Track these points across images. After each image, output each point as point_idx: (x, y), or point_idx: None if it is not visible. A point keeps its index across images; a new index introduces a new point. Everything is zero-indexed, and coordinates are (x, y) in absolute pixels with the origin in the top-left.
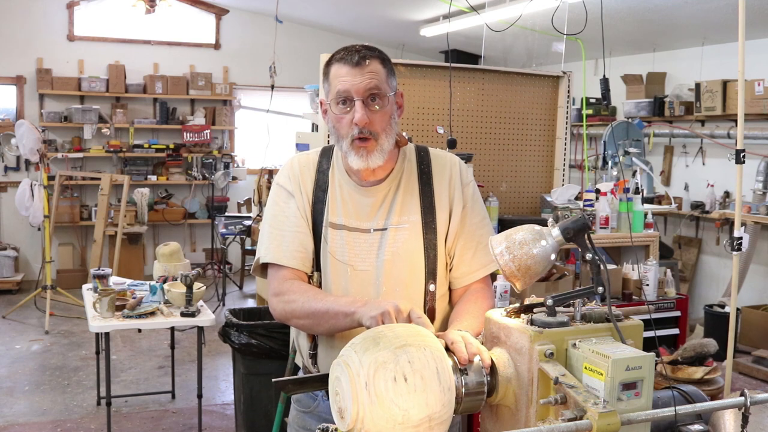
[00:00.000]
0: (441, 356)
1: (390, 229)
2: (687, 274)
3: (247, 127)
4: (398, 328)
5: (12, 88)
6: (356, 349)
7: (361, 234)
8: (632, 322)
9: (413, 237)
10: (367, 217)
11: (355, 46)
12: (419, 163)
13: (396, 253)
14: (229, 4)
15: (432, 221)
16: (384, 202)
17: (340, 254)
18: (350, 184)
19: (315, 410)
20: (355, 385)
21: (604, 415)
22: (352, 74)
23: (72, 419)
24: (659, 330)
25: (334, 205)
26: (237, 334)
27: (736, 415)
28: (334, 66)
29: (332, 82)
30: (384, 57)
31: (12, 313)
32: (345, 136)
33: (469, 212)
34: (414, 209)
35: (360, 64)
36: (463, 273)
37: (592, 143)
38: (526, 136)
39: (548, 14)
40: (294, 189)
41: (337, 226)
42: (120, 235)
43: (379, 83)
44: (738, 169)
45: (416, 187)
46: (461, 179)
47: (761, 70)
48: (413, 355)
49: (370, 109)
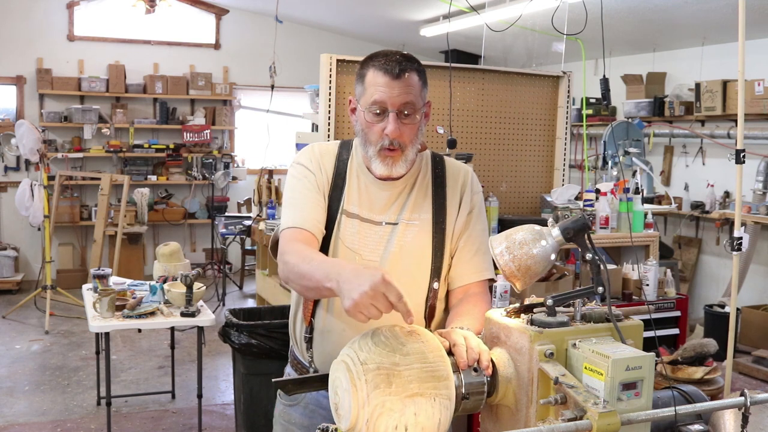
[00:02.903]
0: (445, 383)
1: (401, 223)
2: (687, 274)
3: (247, 127)
4: (415, 363)
5: (12, 88)
6: (366, 373)
7: (373, 225)
8: (632, 322)
9: (423, 234)
10: (381, 210)
11: (395, 55)
12: (434, 167)
13: (404, 247)
14: (229, 4)
15: (442, 222)
16: (399, 197)
17: (350, 242)
18: (368, 176)
19: (302, 402)
20: (357, 397)
21: (604, 415)
22: (390, 86)
23: (72, 419)
24: (659, 330)
25: (350, 194)
26: (237, 334)
27: (736, 415)
28: (372, 71)
29: (368, 88)
30: (421, 69)
31: (12, 313)
32: (373, 143)
33: (474, 218)
34: (426, 208)
35: (400, 76)
36: (462, 273)
37: (592, 143)
38: (526, 136)
39: (548, 14)
40: (315, 168)
41: (351, 215)
42: (120, 235)
43: (414, 98)
44: (738, 169)
45: (430, 188)
46: (471, 187)
47: (761, 70)
48: (421, 407)
49: (402, 121)
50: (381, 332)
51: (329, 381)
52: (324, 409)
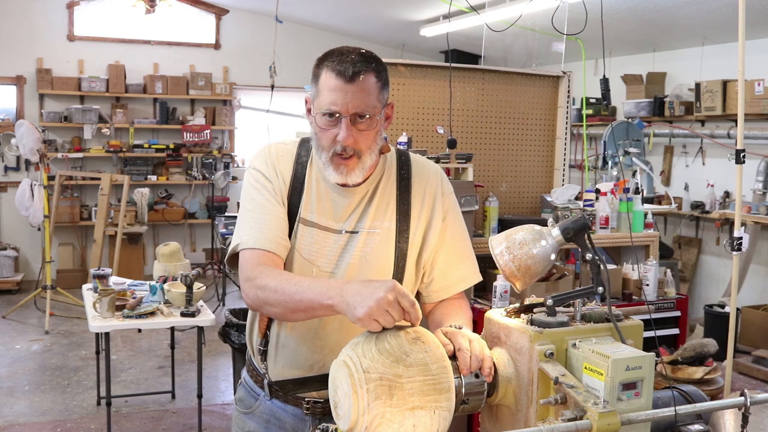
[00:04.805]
0: (447, 387)
1: (362, 232)
2: (687, 274)
3: (247, 127)
4: (417, 376)
5: (12, 88)
6: (368, 382)
7: (331, 234)
8: (632, 322)
9: (385, 243)
10: (341, 217)
11: (350, 54)
12: (399, 168)
13: (364, 257)
14: (229, 4)
15: (406, 230)
16: (360, 204)
17: (307, 252)
18: (327, 181)
19: (256, 410)
20: (357, 404)
21: (604, 415)
22: (343, 90)
23: (72, 419)
24: (659, 330)
25: (309, 201)
26: (237, 334)
27: (736, 415)
28: (325, 72)
29: (321, 90)
30: (379, 68)
31: (12, 313)
32: (326, 149)
33: (450, 224)
34: (389, 215)
35: (353, 79)
36: (443, 287)
37: (592, 143)
38: (526, 136)
39: (548, 14)
40: (271, 174)
41: (308, 223)
42: (120, 235)
43: (369, 103)
44: (738, 169)
45: (394, 194)
46: (441, 189)
47: (761, 70)
48: (420, 420)
49: (357, 127)
50: (386, 338)
51: (329, 379)
52: (279, 420)
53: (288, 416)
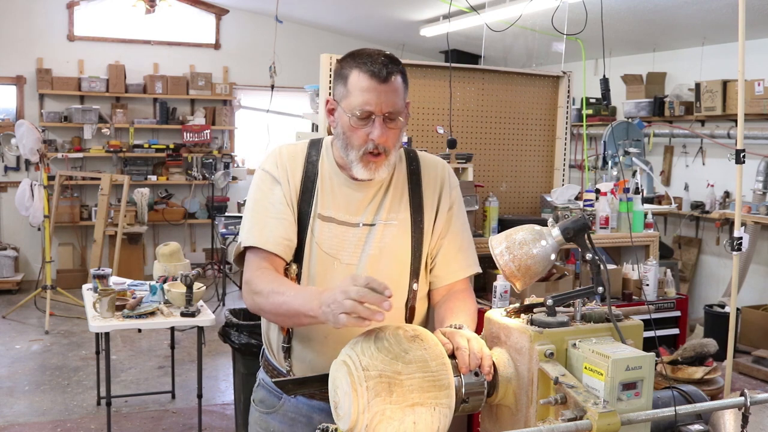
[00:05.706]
0: (446, 390)
1: (378, 224)
2: (687, 274)
3: (247, 127)
4: (417, 372)
5: (12, 88)
6: (367, 380)
7: (350, 228)
8: (632, 322)
9: (402, 234)
10: (357, 211)
11: (380, 57)
12: (409, 164)
13: (383, 248)
14: (229, 4)
15: (420, 221)
16: (375, 198)
17: (328, 246)
18: (340, 177)
19: (280, 410)
20: (357, 402)
21: (604, 415)
22: (377, 91)
23: (72, 419)
24: (659, 330)
25: (324, 197)
26: (237, 334)
27: (736, 415)
28: (356, 73)
29: (352, 91)
30: (403, 69)
31: (12, 313)
32: (357, 148)
33: (455, 214)
34: (403, 207)
35: (387, 80)
36: (447, 272)
37: (592, 143)
38: (526, 136)
39: (548, 14)
40: (281, 176)
41: (326, 219)
42: (120, 235)
43: (399, 103)
44: (738, 169)
45: (406, 187)
46: (449, 182)
47: (761, 70)
48: (420, 417)
49: (387, 126)
50: (384, 336)
51: (329, 379)
52: (304, 417)
53: (315, 412)
